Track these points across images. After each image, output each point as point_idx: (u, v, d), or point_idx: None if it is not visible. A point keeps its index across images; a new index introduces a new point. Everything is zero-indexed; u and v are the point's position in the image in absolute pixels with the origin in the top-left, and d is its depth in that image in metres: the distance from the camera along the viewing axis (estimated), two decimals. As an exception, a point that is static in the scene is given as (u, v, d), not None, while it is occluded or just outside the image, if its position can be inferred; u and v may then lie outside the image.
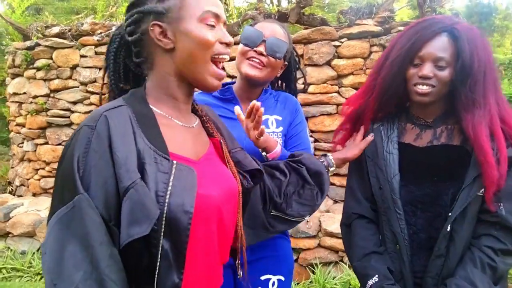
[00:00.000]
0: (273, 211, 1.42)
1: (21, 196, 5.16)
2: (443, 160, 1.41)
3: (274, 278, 1.63)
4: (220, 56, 1.05)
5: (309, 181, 1.46)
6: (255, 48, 1.55)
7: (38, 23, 5.14)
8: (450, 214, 1.35)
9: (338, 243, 3.52)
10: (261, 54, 1.55)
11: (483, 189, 1.32)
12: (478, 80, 1.34)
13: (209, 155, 1.12)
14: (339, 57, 4.27)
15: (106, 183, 0.86)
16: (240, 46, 1.59)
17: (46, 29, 5.09)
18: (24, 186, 5.25)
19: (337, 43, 4.26)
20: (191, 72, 1.04)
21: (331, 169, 1.56)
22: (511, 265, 1.34)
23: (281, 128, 1.63)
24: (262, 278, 1.62)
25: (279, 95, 1.72)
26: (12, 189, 5.43)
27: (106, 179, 0.86)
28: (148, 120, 0.98)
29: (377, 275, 1.42)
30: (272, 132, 1.61)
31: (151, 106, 1.02)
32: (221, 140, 1.18)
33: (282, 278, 1.65)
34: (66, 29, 5.02)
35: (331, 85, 4.26)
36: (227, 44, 1.06)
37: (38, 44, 5.00)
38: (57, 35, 5.01)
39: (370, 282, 1.42)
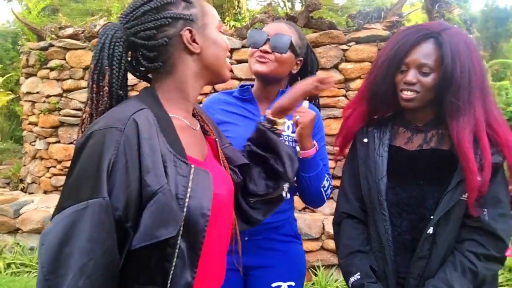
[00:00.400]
0: (250, 198, 1.37)
1: (32, 193, 5.26)
2: (431, 164, 1.44)
3: (284, 285, 1.65)
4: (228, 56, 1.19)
5: (260, 154, 1.36)
6: (260, 48, 1.60)
7: (52, 24, 5.25)
8: (432, 217, 1.37)
9: (341, 246, 3.53)
10: (266, 52, 1.59)
11: (466, 194, 1.34)
12: (462, 86, 1.35)
13: (209, 155, 1.17)
14: (346, 60, 4.29)
15: (129, 186, 0.89)
16: (249, 49, 1.66)
17: (60, 30, 5.20)
18: (36, 183, 5.36)
19: (345, 46, 4.28)
20: (215, 70, 1.13)
21: (279, 123, 1.42)
22: (493, 270, 1.36)
23: (295, 134, 1.65)
24: (273, 285, 1.64)
25: (301, 103, 1.75)
26: (24, 187, 5.54)
27: (130, 182, 0.89)
28: (167, 123, 1.01)
29: (359, 273, 1.45)
30: (287, 135, 1.64)
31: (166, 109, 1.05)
32: (216, 139, 1.23)
33: (293, 284, 1.67)
34: (79, 31, 5.12)
35: (338, 88, 4.28)
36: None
37: (51, 45, 5.10)
38: (71, 36, 5.11)
39: (352, 279, 1.46)
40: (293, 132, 1.64)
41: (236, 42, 4.49)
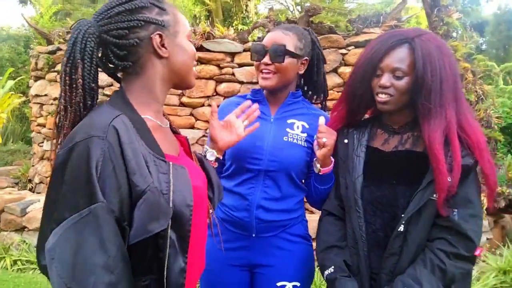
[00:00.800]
0: None
1: (39, 193, 5.39)
2: (404, 164, 1.49)
3: (289, 285, 1.70)
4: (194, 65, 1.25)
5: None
6: (262, 61, 1.68)
7: (60, 29, 5.39)
8: (403, 215, 1.42)
9: (337, 247, 3.57)
10: (267, 64, 1.67)
11: (436, 194, 1.37)
12: (433, 89, 1.39)
13: (181, 151, 1.26)
14: (345, 64, 4.35)
15: (120, 188, 0.95)
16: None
17: (67, 35, 5.33)
18: (43, 183, 5.49)
19: (344, 51, 4.35)
20: (181, 76, 1.20)
21: (208, 153, 1.51)
22: (462, 269, 1.38)
23: (305, 134, 1.72)
24: (278, 284, 1.69)
25: (314, 108, 1.83)
26: (32, 186, 5.68)
27: (121, 185, 0.96)
28: (141, 126, 1.07)
29: (333, 267, 1.52)
30: (296, 134, 1.71)
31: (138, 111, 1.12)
32: (187, 137, 1.33)
33: (298, 284, 1.71)
34: (86, 35, 5.25)
35: (337, 92, 4.33)
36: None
37: (59, 49, 5.24)
38: (78, 40, 5.24)
39: (326, 273, 1.52)
40: (302, 132, 1.72)
41: (238, 46, 4.57)
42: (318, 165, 1.64)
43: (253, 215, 1.67)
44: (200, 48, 4.58)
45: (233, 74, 4.59)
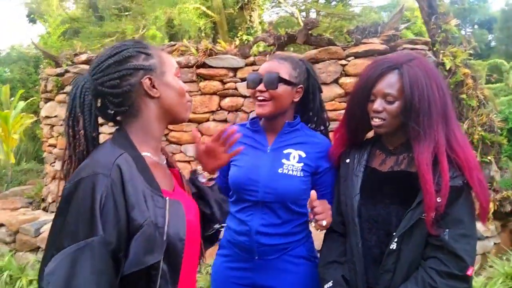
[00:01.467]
0: None
1: (53, 212, 5.51)
2: (398, 184, 1.55)
3: None
4: (189, 100, 1.32)
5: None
6: (257, 88, 1.75)
7: (67, 51, 5.53)
8: (394, 233, 1.47)
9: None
10: (261, 91, 1.74)
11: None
12: (422, 112, 1.46)
13: (176, 185, 1.33)
14: (346, 75, 4.40)
15: (119, 222, 1.03)
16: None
17: (75, 57, 5.46)
18: (56, 203, 5.59)
19: (344, 62, 4.40)
20: (173, 112, 1.27)
21: (201, 179, 1.52)
22: (454, 287, 1.41)
23: (301, 164, 1.76)
24: None
25: (315, 135, 1.88)
26: (45, 206, 5.80)
27: (120, 218, 1.04)
28: (141, 163, 1.16)
29: (332, 281, 1.59)
30: (292, 165, 1.76)
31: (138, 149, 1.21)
32: (180, 171, 1.40)
33: None
34: (93, 57, 5.37)
35: (339, 102, 4.39)
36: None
37: (67, 71, 5.36)
38: (85, 62, 5.35)
39: (325, 286, 1.60)
40: (299, 162, 1.77)
41: (239, 61, 4.66)
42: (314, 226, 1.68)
43: (253, 240, 1.74)
44: (203, 65, 4.67)
45: (236, 88, 4.66)
